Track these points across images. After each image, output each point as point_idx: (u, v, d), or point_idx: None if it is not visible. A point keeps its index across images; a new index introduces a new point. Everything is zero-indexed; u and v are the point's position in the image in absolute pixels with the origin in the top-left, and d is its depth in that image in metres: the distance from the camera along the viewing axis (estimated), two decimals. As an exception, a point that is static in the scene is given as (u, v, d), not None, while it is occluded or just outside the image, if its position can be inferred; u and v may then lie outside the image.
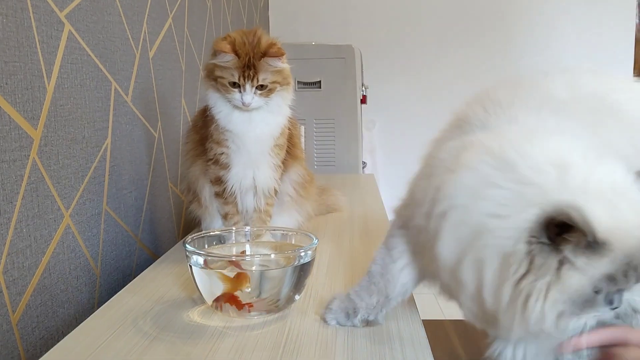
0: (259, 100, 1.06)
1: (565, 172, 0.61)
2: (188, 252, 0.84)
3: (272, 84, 1.07)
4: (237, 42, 1.05)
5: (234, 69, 1.05)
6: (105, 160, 1.12)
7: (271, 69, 1.06)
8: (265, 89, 1.07)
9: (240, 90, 1.05)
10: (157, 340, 0.76)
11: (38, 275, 0.88)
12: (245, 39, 1.06)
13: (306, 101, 2.56)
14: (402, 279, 0.80)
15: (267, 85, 1.06)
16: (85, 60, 1.04)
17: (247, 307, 0.82)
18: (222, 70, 1.06)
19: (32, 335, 0.87)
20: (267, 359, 0.71)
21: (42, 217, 0.89)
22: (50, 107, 0.92)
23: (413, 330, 0.79)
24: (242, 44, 1.05)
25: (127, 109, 1.24)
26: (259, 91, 1.06)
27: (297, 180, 1.21)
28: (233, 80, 1.05)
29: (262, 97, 1.07)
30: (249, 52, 1.05)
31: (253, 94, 1.05)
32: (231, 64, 1.05)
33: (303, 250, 0.85)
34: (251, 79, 1.05)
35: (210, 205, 1.17)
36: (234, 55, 1.05)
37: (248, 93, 1.05)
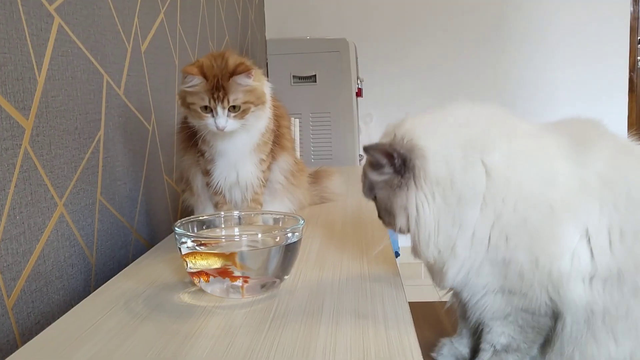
0: (233, 123, 1.05)
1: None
2: (177, 235, 0.86)
3: (244, 104, 1.05)
4: (205, 65, 1.04)
5: (204, 92, 1.03)
6: (98, 152, 1.14)
7: (242, 89, 1.05)
8: (239, 111, 1.05)
9: (213, 114, 1.04)
10: (148, 320, 0.79)
11: (32, 262, 0.91)
12: (213, 62, 1.05)
13: (302, 95, 2.59)
14: None
15: (239, 106, 1.04)
16: (76, 53, 1.07)
17: (243, 280, 0.84)
18: (192, 95, 1.05)
19: (28, 320, 0.89)
20: (253, 335, 0.73)
21: (35, 205, 0.92)
22: (42, 98, 0.94)
23: (398, 310, 0.81)
24: (210, 66, 1.04)
25: (120, 102, 1.26)
26: (232, 113, 1.04)
27: (286, 169, 1.24)
28: (204, 104, 1.04)
29: (236, 119, 1.05)
30: (217, 74, 1.03)
31: (226, 117, 1.04)
32: (200, 87, 1.04)
33: (290, 230, 0.87)
34: (221, 100, 1.03)
35: (202, 194, 1.19)
36: (202, 78, 1.03)
37: (221, 116, 1.03)
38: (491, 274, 0.81)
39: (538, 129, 0.86)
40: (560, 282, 0.78)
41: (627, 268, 0.77)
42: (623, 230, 0.77)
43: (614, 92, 3.51)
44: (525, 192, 0.78)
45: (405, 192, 0.81)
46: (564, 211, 0.78)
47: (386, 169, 0.83)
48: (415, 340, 0.70)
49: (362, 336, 0.71)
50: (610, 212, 0.78)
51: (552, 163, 0.80)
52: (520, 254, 0.79)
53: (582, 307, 0.79)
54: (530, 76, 3.53)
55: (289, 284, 0.92)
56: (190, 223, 0.95)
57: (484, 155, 0.79)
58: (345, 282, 0.92)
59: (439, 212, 0.80)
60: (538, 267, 0.78)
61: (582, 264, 0.78)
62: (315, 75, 2.58)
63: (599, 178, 0.79)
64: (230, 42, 2.46)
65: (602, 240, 0.78)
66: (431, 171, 0.80)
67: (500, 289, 0.82)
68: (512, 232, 0.79)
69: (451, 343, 0.98)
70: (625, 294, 0.77)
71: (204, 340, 0.72)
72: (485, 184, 0.78)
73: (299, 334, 0.73)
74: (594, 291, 0.78)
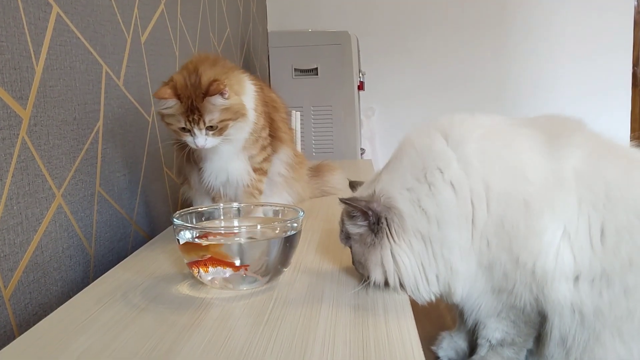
0: (213, 140, 1.03)
1: None
2: (176, 226, 0.86)
3: (221, 122, 1.02)
4: (179, 85, 1.01)
5: (179, 115, 1.01)
6: (97, 143, 1.13)
7: (217, 108, 1.01)
8: (216, 129, 1.03)
9: (192, 134, 1.02)
10: (145, 312, 0.78)
11: (30, 253, 0.90)
12: (187, 79, 1.01)
13: (303, 88, 2.57)
14: None
15: (216, 125, 1.02)
16: (75, 42, 1.06)
17: (243, 269, 0.83)
18: (168, 117, 1.03)
19: (25, 311, 0.88)
20: (251, 326, 0.72)
21: (33, 196, 0.91)
22: (40, 87, 0.93)
23: (398, 302, 0.80)
24: (184, 86, 1.01)
25: (119, 93, 1.25)
26: (210, 132, 1.02)
27: (286, 161, 1.22)
28: (181, 126, 1.02)
29: (215, 136, 1.03)
30: (191, 95, 1.00)
31: (205, 135, 1.02)
32: (175, 109, 1.01)
33: (289, 221, 0.86)
34: (197, 122, 1.00)
35: (199, 188, 1.18)
36: (175, 100, 1.00)
37: (199, 136, 1.01)
38: (483, 276, 0.81)
39: (506, 124, 0.85)
40: (545, 280, 0.77)
41: (613, 268, 0.76)
42: (604, 230, 0.76)
43: (617, 86, 3.49)
44: (496, 192, 0.78)
45: (379, 250, 0.82)
46: (540, 205, 0.77)
47: (361, 221, 0.85)
48: (415, 333, 0.69)
49: (361, 328, 0.70)
50: (589, 211, 0.77)
51: (521, 157, 0.79)
52: (502, 254, 0.78)
53: (567, 308, 0.77)
54: (533, 69, 3.51)
55: (289, 276, 0.91)
56: (189, 214, 0.94)
57: (444, 174, 0.80)
58: (345, 274, 0.92)
59: (421, 256, 0.81)
60: (519, 265, 0.78)
61: (565, 263, 0.76)
62: (316, 68, 2.56)
63: (575, 173, 0.77)
64: (231, 35, 2.45)
65: (582, 239, 0.76)
66: (408, 225, 0.80)
67: (491, 289, 0.82)
68: (491, 234, 0.78)
69: (451, 337, 0.98)
70: (617, 294, 0.76)
71: (201, 331, 0.71)
72: (455, 200, 0.79)
73: (298, 325, 0.72)
74: (580, 292, 0.77)
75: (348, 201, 0.85)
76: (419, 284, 0.82)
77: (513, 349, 0.85)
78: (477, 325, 0.88)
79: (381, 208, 0.83)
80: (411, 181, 0.82)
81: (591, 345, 0.78)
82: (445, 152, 0.81)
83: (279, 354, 0.64)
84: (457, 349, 0.96)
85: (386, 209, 0.82)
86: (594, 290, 0.76)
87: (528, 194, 0.76)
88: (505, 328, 0.84)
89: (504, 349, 0.85)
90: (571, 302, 0.77)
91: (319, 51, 2.56)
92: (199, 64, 1.05)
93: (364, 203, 0.83)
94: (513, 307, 0.81)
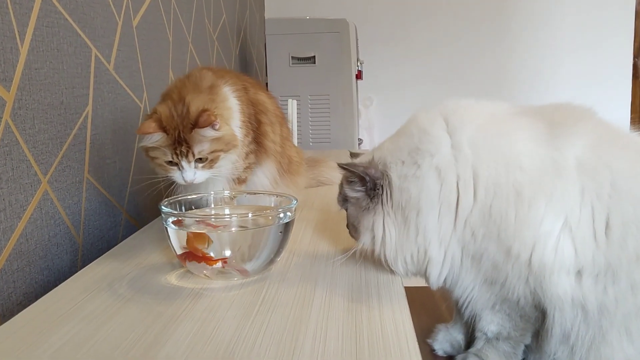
0: (202, 174, 0.96)
1: None
2: (164, 214, 0.83)
3: (212, 153, 0.96)
4: (164, 117, 0.94)
5: (165, 148, 0.94)
6: (86, 128, 1.10)
7: (207, 139, 0.95)
8: (207, 161, 0.96)
9: (179, 167, 0.95)
10: (131, 302, 0.75)
11: (14, 240, 0.87)
12: (174, 110, 0.95)
13: (300, 77, 2.54)
14: None
15: (206, 157, 0.96)
16: (62, 24, 1.02)
17: (222, 262, 0.80)
18: (153, 150, 0.96)
19: (9, 301, 0.86)
20: (240, 318, 0.69)
21: (17, 182, 0.88)
22: (24, 69, 0.90)
23: (393, 295, 0.78)
24: (169, 117, 0.94)
25: (110, 77, 1.22)
26: (200, 164, 0.96)
27: (270, 176, 1.16)
28: (168, 159, 0.95)
29: (205, 169, 0.96)
30: (178, 126, 0.93)
31: (194, 169, 0.95)
32: (160, 142, 0.94)
33: (282, 210, 0.84)
34: (185, 155, 0.94)
35: None
36: (162, 133, 0.93)
37: (187, 170, 0.95)
38: (472, 267, 0.79)
39: (509, 113, 0.82)
40: (543, 273, 0.74)
41: (619, 263, 0.72)
42: (609, 222, 0.73)
43: (617, 77, 3.46)
44: (484, 180, 0.75)
45: (372, 215, 0.83)
46: (533, 194, 0.73)
47: (358, 187, 0.85)
48: (410, 326, 0.66)
49: (354, 321, 0.68)
50: (593, 201, 0.73)
51: (516, 145, 0.76)
52: (491, 245, 0.76)
53: (568, 303, 0.74)
54: (533, 59, 3.48)
55: (281, 267, 0.88)
56: (178, 202, 0.91)
57: (433, 159, 0.79)
58: (340, 265, 0.89)
59: (401, 232, 0.81)
60: (511, 256, 0.75)
61: (565, 256, 0.73)
62: (314, 56, 2.52)
63: (578, 163, 0.74)
64: (227, 21, 2.41)
65: (585, 231, 0.73)
66: (396, 198, 0.81)
67: (482, 281, 0.79)
68: (477, 224, 0.76)
69: (447, 329, 0.95)
70: (623, 290, 0.73)
71: (189, 323, 0.68)
72: (439, 186, 0.78)
73: (289, 318, 0.69)
74: (583, 287, 0.73)
75: (346, 166, 0.84)
76: (397, 258, 0.82)
77: (509, 343, 0.82)
78: (473, 318, 0.85)
79: (378, 174, 0.83)
80: (405, 156, 0.81)
81: (597, 343, 0.75)
82: (441, 137, 0.79)
83: (268, 347, 0.62)
84: (452, 342, 0.94)
85: (382, 175, 0.82)
86: (598, 286, 0.73)
87: (519, 182, 0.73)
88: (501, 321, 0.81)
89: (500, 343, 0.82)
90: (572, 298, 0.74)
91: (316, 39, 2.52)
92: (183, 91, 0.98)
93: (362, 168, 0.83)
94: (506, 300, 0.79)
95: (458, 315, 0.93)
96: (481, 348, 0.84)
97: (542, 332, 0.80)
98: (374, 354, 0.60)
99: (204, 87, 1.02)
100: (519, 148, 0.76)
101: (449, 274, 0.81)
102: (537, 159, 0.74)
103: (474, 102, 0.85)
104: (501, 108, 0.84)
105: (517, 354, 0.83)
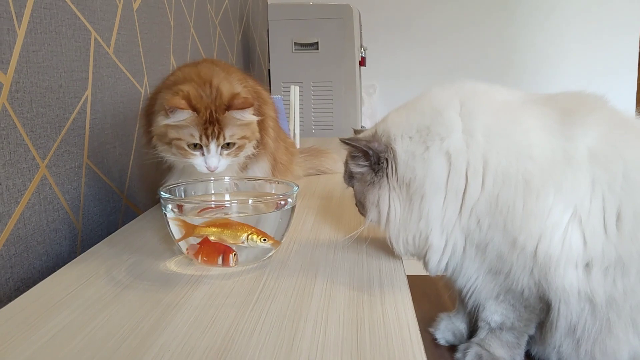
0: (225, 162, 0.92)
1: None
2: (163, 200, 0.81)
3: (240, 139, 0.93)
4: (193, 96, 0.90)
5: (193, 127, 0.89)
6: (85, 112, 1.09)
7: (239, 123, 0.92)
8: (233, 147, 0.92)
9: (204, 152, 0.91)
10: (129, 288, 0.74)
11: (11, 225, 0.86)
12: (201, 91, 0.91)
13: (303, 63, 2.52)
14: None
15: (234, 142, 0.92)
16: (61, 6, 1.00)
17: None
18: (177, 130, 0.90)
19: (6, 286, 0.85)
20: (240, 306, 0.68)
21: (14, 166, 0.86)
22: (22, 52, 0.88)
23: (395, 283, 0.76)
24: (198, 97, 0.90)
25: (110, 61, 1.20)
26: (225, 151, 0.92)
27: (266, 171, 1.14)
28: (193, 142, 0.90)
29: (229, 157, 0.92)
30: (210, 106, 0.89)
31: (219, 155, 0.91)
32: (189, 121, 0.89)
33: (283, 196, 0.82)
34: (216, 136, 0.89)
35: None
36: (191, 112, 0.89)
37: (213, 155, 0.90)
38: (476, 256, 0.77)
39: (522, 101, 0.80)
40: (548, 266, 0.72)
41: (629, 255, 0.70)
42: (621, 214, 0.71)
43: (623, 66, 3.43)
44: (494, 169, 0.73)
45: (377, 190, 0.81)
46: (542, 185, 0.72)
47: (362, 161, 0.83)
48: (412, 314, 0.65)
49: (356, 309, 0.67)
50: (604, 192, 0.71)
51: (527, 135, 0.74)
52: (496, 235, 0.74)
53: (574, 296, 0.73)
54: (539, 47, 3.44)
55: (281, 254, 0.87)
56: (178, 188, 0.89)
57: (443, 142, 0.76)
58: (341, 252, 0.88)
59: (405, 210, 0.79)
60: (516, 247, 0.73)
61: (573, 248, 0.71)
62: (317, 42, 2.49)
63: (589, 153, 0.72)
64: (229, 7, 2.38)
65: (595, 222, 0.71)
66: (401, 172, 0.79)
67: (486, 271, 0.78)
68: (483, 213, 0.74)
69: (449, 318, 0.94)
70: (633, 283, 0.71)
71: (187, 310, 0.67)
72: (447, 171, 0.76)
73: (289, 305, 0.68)
74: (592, 280, 0.72)
75: (349, 141, 0.82)
76: (400, 237, 0.80)
77: (513, 334, 0.81)
78: (477, 307, 0.84)
79: (382, 147, 0.81)
80: (414, 133, 0.79)
81: (603, 337, 0.74)
82: (453, 120, 0.77)
83: (268, 334, 0.60)
84: (454, 331, 0.92)
85: (386, 148, 0.80)
86: (607, 279, 0.71)
87: (529, 172, 0.72)
88: (505, 311, 0.80)
89: (504, 333, 0.81)
90: (579, 290, 0.72)
91: (319, 25, 2.49)
92: (211, 77, 0.94)
93: (364, 142, 0.81)
94: (511, 290, 0.78)
95: (461, 305, 0.92)
96: (484, 338, 0.83)
97: (546, 324, 0.79)
98: (375, 342, 0.58)
99: (221, 77, 0.98)
100: (531, 138, 0.74)
101: (450, 262, 0.80)
102: (549, 148, 0.73)
103: (489, 87, 0.83)
104: (515, 95, 0.82)
105: (520, 344, 0.82)
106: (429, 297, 1.11)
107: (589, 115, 0.75)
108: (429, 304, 1.08)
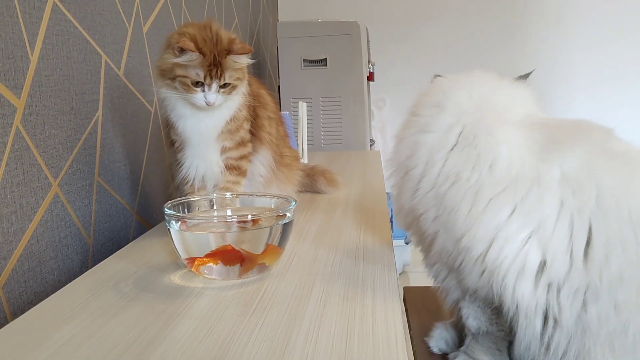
0: (221, 99, 1.03)
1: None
2: (167, 216, 0.86)
3: (235, 80, 1.05)
4: (199, 39, 1.00)
5: (199, 68, 1.00)
6: (96, 132, 1.14)
7: (236, 66, 1.04)
8: (229, 87, 1.04)
9: (204, 89, 1.01)
10: (135, 300, 0.78)
11: (25, 241, 0.91)
12: (204, 34, 1.01)
13: (312, 79, 2.56)
14: None
15: (231, 83, 1.04)
16: (72, 32, 1.06)
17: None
18: (184, 69, 1.00)
19: (20, 300, 0.89)
20: (237, 316, 0.72)
21: (27, 185, 0.91)
22: (35, 77, 0.94)
23: (387, 294, 0.79)
24: (203, 40, 1.00)
25: (120, 83, 1.25)
26: (222, 89, 1.03)
27: (265, 163, 1.19)
28: (197, 80, 1.00)
29: (224, 94, 1.04)
30: (213, 50, 1.00)
31: (217, 92, 1.02)
32: (196, 62, 1.00)
33: (281, 211, 0.86)
34: (218, 77, 1.01)
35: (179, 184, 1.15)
36: (198, 54, 0.99)
37: (213, 92, 1.01)
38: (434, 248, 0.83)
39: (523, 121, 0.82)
40: (498, 272, 0.74)
41: (600, 282, 0.70)
42: (591, 240, 0.71)
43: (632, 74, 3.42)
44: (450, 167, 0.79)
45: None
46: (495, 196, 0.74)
47: None
48: (400, 325, 0.68)
49: (347, 320, 0.70)
50: (573, 216, 0.71)
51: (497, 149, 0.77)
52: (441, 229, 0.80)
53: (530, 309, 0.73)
54: (546, 56, 3.46)
55: (281, 267, 0.91)
56: (181, 205, 0.94)
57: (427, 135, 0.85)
58: (339, 265, 0.91)
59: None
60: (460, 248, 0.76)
61: (528, 263, 0.72)
62: (325, 58, 2.54)
63: (562, 177, 0.73)
64: (239, 25, 2.44)
65: (558, 244, 0.71)
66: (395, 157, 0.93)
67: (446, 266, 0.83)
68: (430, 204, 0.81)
69: (444, 327, 0.97)
70: (606, 310, 0.70)
71: (187, 321, 0.71)
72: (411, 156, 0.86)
73: (284, 316, 0.71)
74: (560, 300, 0.72)
75: None
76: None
77: (491, 339, 0.83)
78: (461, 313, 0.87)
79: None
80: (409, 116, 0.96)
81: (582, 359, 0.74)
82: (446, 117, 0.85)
83: (261, 344, 0.64)
84: (447, 340, 0.95)
85: None
86: (576, 302, 0.71)
87: (479, 182, 0.75)
88: (475, 314, 0.82)
89: (483, 338, 0.83)
90: (536, 305, 0.73)
91: (328, 42, 2.54)
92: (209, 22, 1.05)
93: None
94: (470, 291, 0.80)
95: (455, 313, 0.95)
96: (468, 344, 0.85)
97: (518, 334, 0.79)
98: (363, 351, 0.62)
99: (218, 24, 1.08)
100: (500, 152, 0.77)
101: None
102: (519, 165, 0.75)
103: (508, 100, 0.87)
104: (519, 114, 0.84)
105: (501, 350, 0.84)
106: (429, 309, 1.14)
107: (576, 144, 0.75)
108: (429, 315, 1.10)
